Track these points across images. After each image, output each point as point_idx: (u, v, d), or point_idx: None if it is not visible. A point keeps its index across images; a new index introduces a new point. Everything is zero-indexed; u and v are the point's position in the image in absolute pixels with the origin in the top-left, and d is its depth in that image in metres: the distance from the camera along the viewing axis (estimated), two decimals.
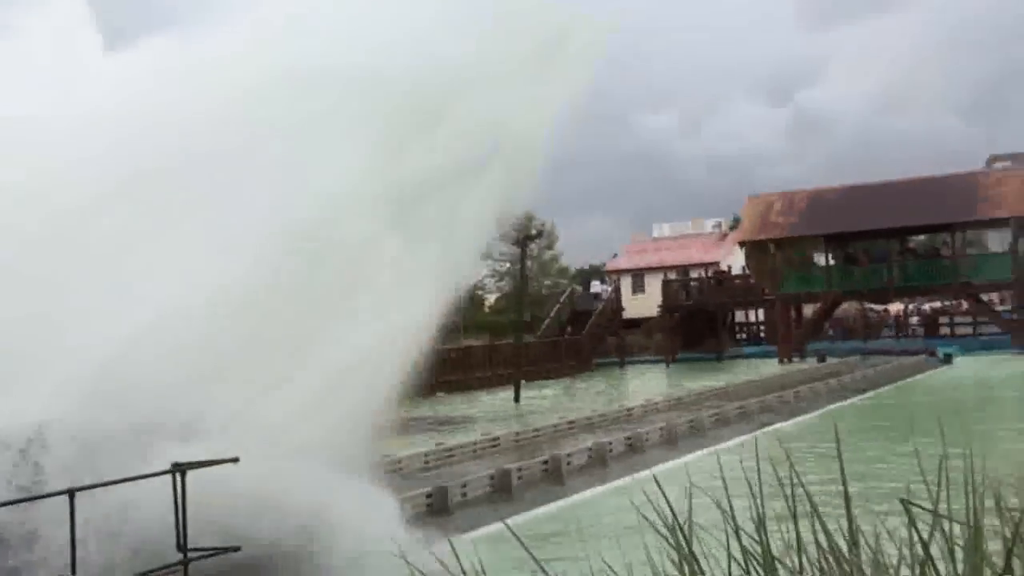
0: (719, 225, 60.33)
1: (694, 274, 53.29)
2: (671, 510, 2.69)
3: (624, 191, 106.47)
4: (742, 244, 47.88)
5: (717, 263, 54.49)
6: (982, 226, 44.01)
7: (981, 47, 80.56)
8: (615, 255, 64.57)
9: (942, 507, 2.70)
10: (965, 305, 48.05)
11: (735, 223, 58.05)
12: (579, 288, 57.33)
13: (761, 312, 51.50)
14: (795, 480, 2.90)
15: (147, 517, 8.30)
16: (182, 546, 7.41)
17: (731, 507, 2.80)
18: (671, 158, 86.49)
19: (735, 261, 53.57)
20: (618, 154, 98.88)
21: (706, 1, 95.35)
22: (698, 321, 48.64)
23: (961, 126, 78.66)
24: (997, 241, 44.79)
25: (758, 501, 2.73)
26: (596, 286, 59.09)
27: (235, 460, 8.10)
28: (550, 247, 63.99)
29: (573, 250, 72.63)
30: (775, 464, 3.02)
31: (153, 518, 8.09)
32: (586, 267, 72.15)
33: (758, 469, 2.97)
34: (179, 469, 7.53)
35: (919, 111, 77.46)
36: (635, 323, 51.74)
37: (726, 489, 2.85)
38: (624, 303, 51.76)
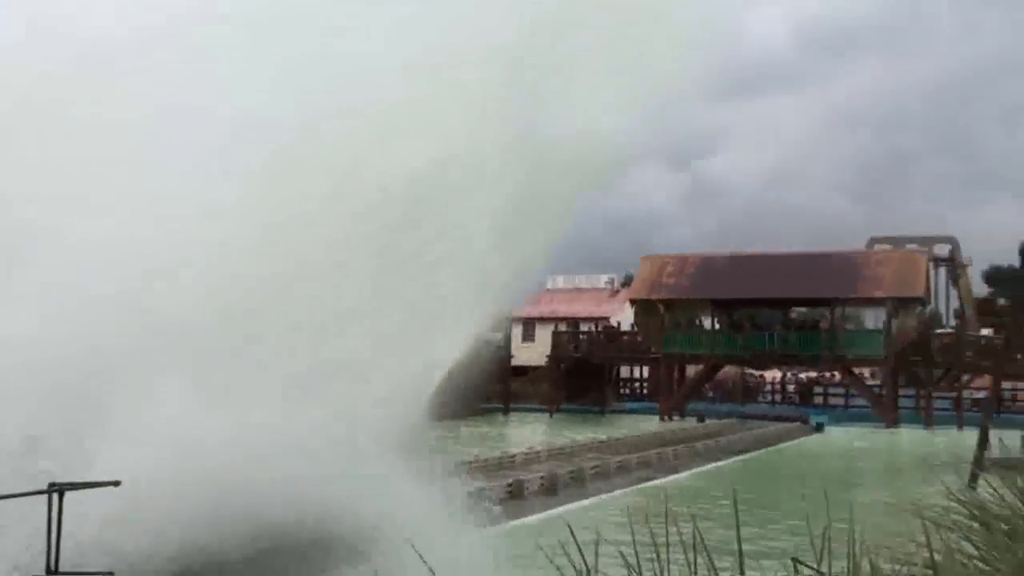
0: (612, 281, 61.39)
1: (584, 327, 54.10)
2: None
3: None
4: (633, 301, 48.89)
5: (607, 318, 55.42)
6: (860, 304, 45.96)
7: (869, 132, 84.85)
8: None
9: (826, 568, 3.01)
10: (838, 376, 49.94)
11: (627, 280, 59.28)
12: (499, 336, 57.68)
13: (646, 369, 52.65)
14: (677, 536, 3.17)
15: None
16: (52, 569, 7.27)
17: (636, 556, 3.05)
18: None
19: (625, 317, 54.63)
20: None
21: None
22: (584, 373, 49.36)
23: (847, 205, 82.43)
24: (872, 319, 46.83)
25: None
26: (487, 333, 59.40)
27: (116, 483, 8.05)
28: None
29: None
30: (651, 520, 3.28)
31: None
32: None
33: (631, 524, 3.22)
34: (56, 490, 7.44)
35: (808, 188, 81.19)
36: (523, 371, 52.20)
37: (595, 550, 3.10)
38: (513, 351, 52.22)
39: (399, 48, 11.17)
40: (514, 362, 51.59)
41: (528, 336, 57.11)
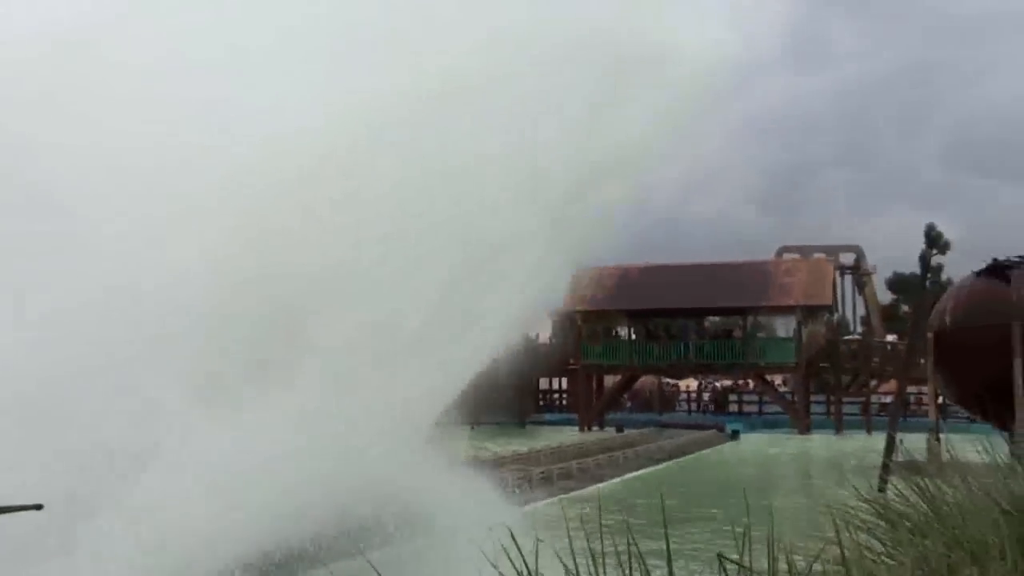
0: None
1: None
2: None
3: None
4: (551, 314, 49.32)
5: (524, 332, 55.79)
6: (771, 312, 47.12)
7: (778, 141, 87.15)
8: None
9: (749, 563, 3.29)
10: (752, 384, 51.08)
11: None
12: None
13: (564, 381, 53.05)
14: (610, 542, 3.41)
15: None
16: None
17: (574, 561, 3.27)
18: None
19: (543, 329, 55.11)
20: None
21: None
22: (503, 385, 49.49)
23: (756, 215, 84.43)
24: (783, 327, 48.04)
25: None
26: None
27: (39, 507, 8.02)
28: None
29: None
30: (580, 527, 3.51)
31: None
32: None
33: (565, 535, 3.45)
34: None
35: (719, 199, 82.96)
36: None
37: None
38: None
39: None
40: None
41: None
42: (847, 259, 60.21)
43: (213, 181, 10.59)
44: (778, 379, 50.71)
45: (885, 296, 71.27)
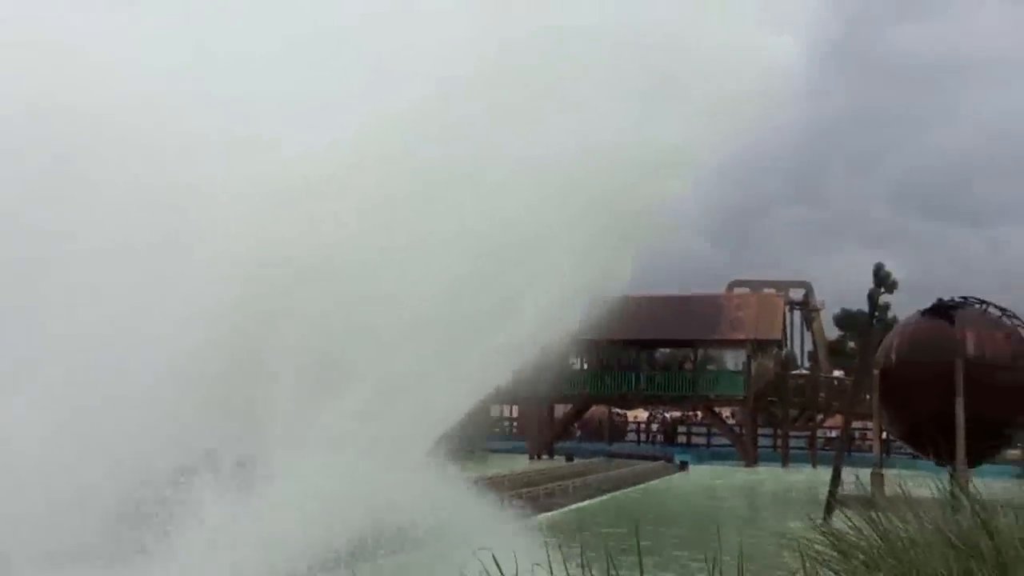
0: None
1: None
2: None
3: None
4: None
5: None
6: (722, 345, 47.70)
7: (731, 175, 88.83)
8: None
9: None
10: (700, 416, 51.54)
11: None
12: None
13: (514, 408, 53.10)
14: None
15: None
16: None
17: None
18: None
19: None
20: None
21: None
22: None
23: (709, 249, 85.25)
24: (733, 360, 48.65)
25: None
26: None
27: None
28: None
29: None
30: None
31: None
32: None
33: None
34: None
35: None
36: None
37: None
38: None
39: None
40: None
41: None
42: (796, 295, 61.00)
43: (249, 194, 11.06)
44: (726, 411, 51.26)
45: (832, 332, 72.49)
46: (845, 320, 78.37)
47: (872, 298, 23.48)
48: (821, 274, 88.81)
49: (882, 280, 23.19)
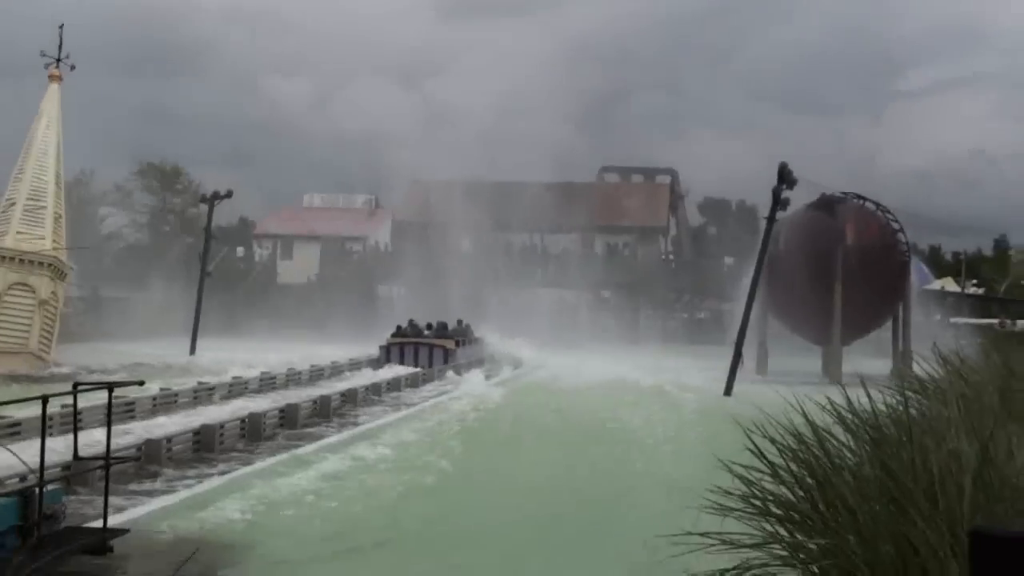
0: (370, 201, 62.15)
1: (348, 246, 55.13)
2: None
3: (247, 153, 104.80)
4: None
5: (366, 237, 56.76)
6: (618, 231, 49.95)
7: (594, 62, 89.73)
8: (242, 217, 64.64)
9: None
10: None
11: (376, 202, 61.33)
12: (240, 250, 57.23)
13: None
14: None
15: None
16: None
17: None
18: (298, 127, 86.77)
19: (381, 237, 56.27)
20: (241, 114, 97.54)
21: None
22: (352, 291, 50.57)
23: (574, 134, 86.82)
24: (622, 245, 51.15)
25: None
26: (240, 251, 58.95)
27: (141, 383, 9.67)
28: (194, 204, 62.82)
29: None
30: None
31: None
32: (225, 227, 71.31)
33: None
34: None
35: (538, 116, 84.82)
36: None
37: None
38: None
39: None
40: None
41: (287, 254, 57.48)
42: (663, 181, 63.39)
43: None
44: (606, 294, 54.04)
45: (696, 219, 76.04)
46: (708, 207, 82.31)
47: (775, 194, 25.73)
48: (680, 161, 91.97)
49: (784, 177, 25.45)
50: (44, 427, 8.10)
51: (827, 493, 4.21)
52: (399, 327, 31.52)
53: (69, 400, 8.89)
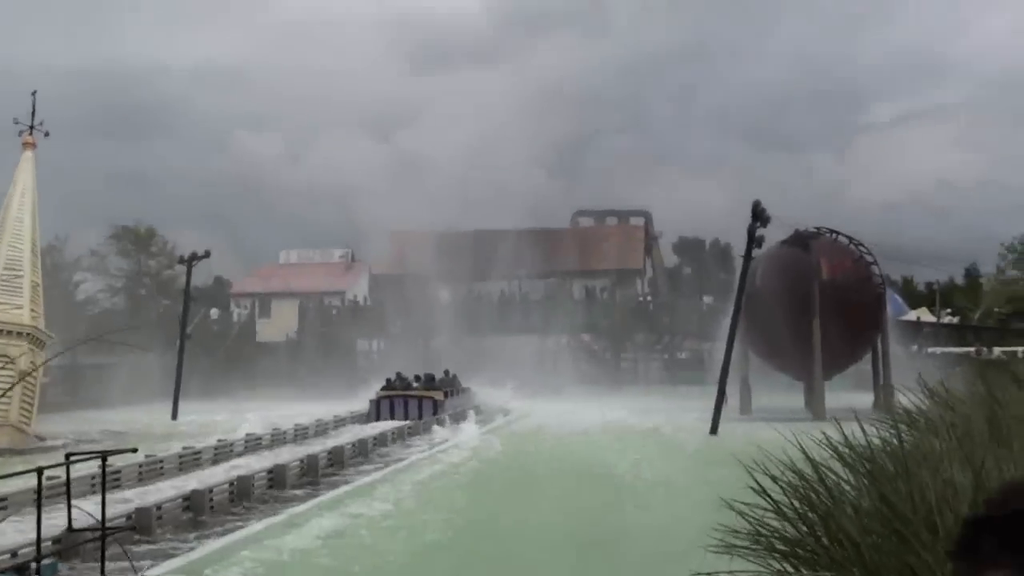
0: (346, 255, 62.09)
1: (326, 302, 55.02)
2: None
3: (220, 211, 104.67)
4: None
5: (344, 292, 56.68)
6: (593, 275, 50.17)
7: (563, 108, 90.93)
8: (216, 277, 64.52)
9: None
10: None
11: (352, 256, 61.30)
12: (215, 311, 56.95)
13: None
14: None
15: None
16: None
17: None
18: (270, 183, 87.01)
19: (360, 291, 56.23)
20: (213, 172, 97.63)
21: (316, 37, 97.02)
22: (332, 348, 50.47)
23: (545, 180, 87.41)
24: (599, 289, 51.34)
25: None
26: (215, 312, 58.70)
27: (134, 450, 9.64)
28: (170, 266, 62.64)
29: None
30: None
31: None
32: (202, 287, 71.08)
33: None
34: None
35: (508, 163, 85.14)
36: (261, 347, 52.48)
37: None
38: None
39: None
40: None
41: (264, 312, 57.30)
42: (637, 223, 63.73)
43: None
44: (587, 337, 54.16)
45: (671, 259, 76.51)
46: (682, 247, 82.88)
47: (751, 233, 26.06)
48: (652, 202, 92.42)
49: (758, 215, 25.79)
50: (40, 502, 8.07)
51: (830, 527, 4.32)
52: (388, 380, 31.51)
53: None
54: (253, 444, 22.64)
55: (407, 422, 27.42)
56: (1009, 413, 5.87)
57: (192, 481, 15.99)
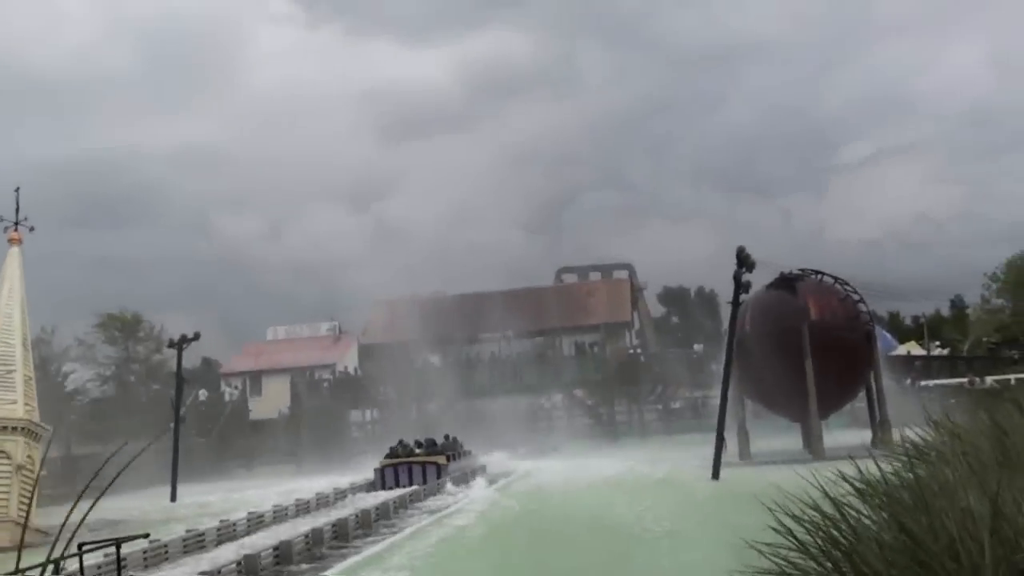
0: (334, 328, 62.12)
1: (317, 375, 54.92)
2: None
3: (205, 292, 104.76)
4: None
5: (334, 364, 56.58)
6: (582, 331, 50.32)
7: (540, 168, 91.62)
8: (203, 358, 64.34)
9: None
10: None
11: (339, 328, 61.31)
12: (204, 392, 56.63)
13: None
14: None
15: None
16: None
17: None
18: (253, 262, 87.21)
19: (350, 362, 56.14)
20: (196, 254, 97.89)
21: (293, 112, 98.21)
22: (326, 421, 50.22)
23: (525, 239, 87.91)
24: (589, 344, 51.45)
25: None
26: (203, 394, 58.38)
27: (146, 535, 9.58)
28: (158, 350, 62.42)
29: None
30: None
31: None
32: (190, 369, 70.76)
33: None
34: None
35: (487, 225, 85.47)
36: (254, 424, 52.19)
37: None
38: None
39: None
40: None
41: (255, 390, 57.09)
42: (620, 276, 64.09)
43: None
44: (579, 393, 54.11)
45: (657, 309, 76.85)
46: (668, 297, 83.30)
47: (737, 279, 26.31)
48: (634, 254, 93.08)
49: (743, 261, 26.06)
50: None
51: (855, 562, 4.40)
52: (391, 448, 31.49)
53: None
54: (256, 522, 22.48)
55: (411, 488, 27.40)
56: (1017, 440, 5.97)
57: (203, 563, 15.88)
